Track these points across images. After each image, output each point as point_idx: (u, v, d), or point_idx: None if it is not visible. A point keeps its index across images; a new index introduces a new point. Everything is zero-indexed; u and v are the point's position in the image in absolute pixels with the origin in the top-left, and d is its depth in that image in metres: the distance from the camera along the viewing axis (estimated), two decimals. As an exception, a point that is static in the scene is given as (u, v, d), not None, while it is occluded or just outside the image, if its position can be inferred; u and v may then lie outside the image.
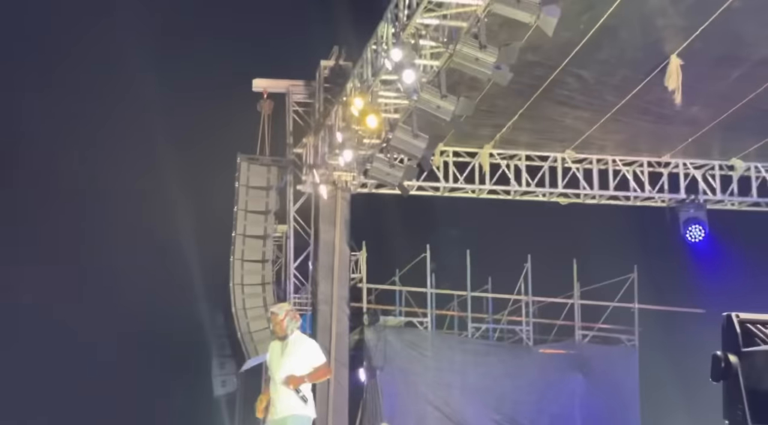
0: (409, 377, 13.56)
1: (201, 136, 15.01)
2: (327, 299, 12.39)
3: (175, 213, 15.13)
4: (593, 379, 14.06)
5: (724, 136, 12.40)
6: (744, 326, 2.47)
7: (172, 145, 15.04)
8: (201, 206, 14.74)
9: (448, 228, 14.98)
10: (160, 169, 15.40)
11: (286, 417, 7.34)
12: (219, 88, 14.44)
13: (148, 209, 15.51)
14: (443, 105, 8.87)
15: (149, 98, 15.13)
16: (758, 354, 2.42)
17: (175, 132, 15.11)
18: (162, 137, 15.13)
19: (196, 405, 15.80)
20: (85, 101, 15.96)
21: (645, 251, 14.18)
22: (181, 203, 14.99)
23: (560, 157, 13.30)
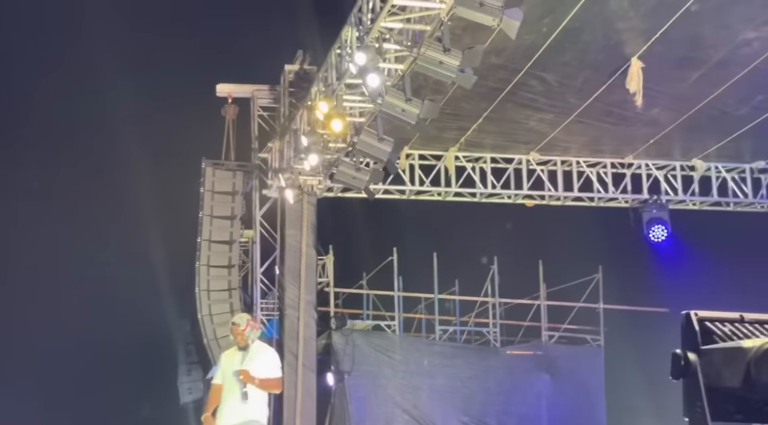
0: (378, 380, 13.57)
1: (165, 141, 14.91)
2: (294, 304, 12.34)
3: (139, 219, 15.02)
4: (560, 379, 14.18)
5: (685, 137, 12.56)
6: (703, 324, 2.51)
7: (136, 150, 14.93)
8: (166, 212, 14.65)
9: (415, 231, 15.01)
10: (123, 174, 15.28)
11: (247, 422, 7.35)
12: (182, 93, 14.36)
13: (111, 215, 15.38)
14: (408, 108, 8.88)
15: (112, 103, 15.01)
16: (716, 352, 2.45)
17: (138, 138, 15.00)
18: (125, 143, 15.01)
19: (162, 413, 15.67)
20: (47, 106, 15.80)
21: (609, 252, 14.33)
22: (146, 209, 14.88)
23: (525, 159, 13.38)
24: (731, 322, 2.51)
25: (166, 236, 14.84)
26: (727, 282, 12.07)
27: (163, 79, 14.96)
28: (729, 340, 2.45)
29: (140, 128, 15.01)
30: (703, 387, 2.41)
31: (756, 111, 11.52)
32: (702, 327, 2.49)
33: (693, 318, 2.52)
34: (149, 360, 15.57)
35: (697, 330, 2.49)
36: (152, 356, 15.54)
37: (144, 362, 15.61)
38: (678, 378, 2.46)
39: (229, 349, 7.78)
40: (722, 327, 2.50)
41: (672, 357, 2.45)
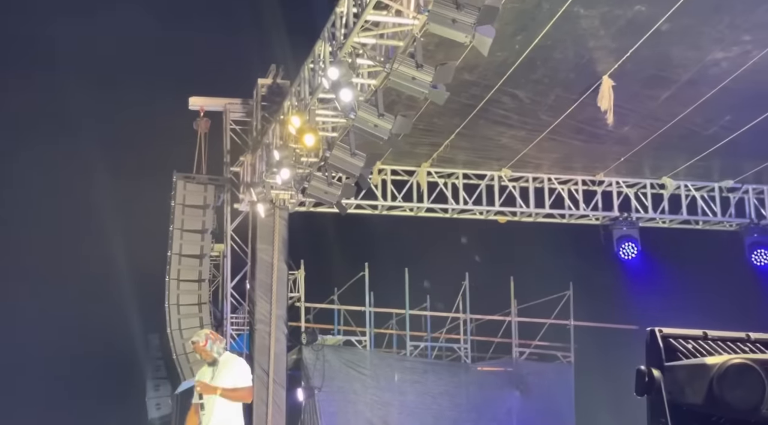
0: (348, 396, 13.51)
1: (136, 154, 14.82)
2: (265, 319, 12.27)
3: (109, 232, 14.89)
4: (530, 396, 14.20)
5: (655, 155, 12.68)
6: (666, 340, 2.52)
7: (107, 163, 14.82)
8: (136, 226, 14.53)
9: (387, 246, 15.01)
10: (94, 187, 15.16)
11: None
12: (155, 106, 14.29)
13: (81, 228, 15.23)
14: (380, 124, 8.89)
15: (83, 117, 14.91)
16: (680, 369, 2.46)
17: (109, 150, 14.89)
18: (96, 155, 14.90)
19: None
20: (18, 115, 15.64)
21: (580, 269, 14.40)
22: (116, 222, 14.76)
23: (497, 175, 13.44)
24: (695, 339, 2.53)
25: (136, 249, 14.72)
26: (696, 300, 12.17)
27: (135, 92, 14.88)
28: (692, 357, 2.47)
29: (112, 141, 14.91)
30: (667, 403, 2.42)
31: (724, 131, 11.67)
32: (666, 343, 2.50)
33: (657, 335, 2.53)
34: (117, 376, 15.40)
35: (662, 347, 2.50)
36: (120, 371, 15.37)
37: (112, 377, 15.44)
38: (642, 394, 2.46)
39: (203, 366, 7.72)
40: (686, 343, 2.52)
41: (636, 373, 2.45)
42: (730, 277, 13.01)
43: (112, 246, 14.91)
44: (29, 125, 15.50)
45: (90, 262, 15.13)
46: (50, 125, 15.48)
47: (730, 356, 2.41)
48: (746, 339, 2.54)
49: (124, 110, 14.93)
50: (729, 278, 12.95)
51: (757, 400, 2.36)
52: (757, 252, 13.57)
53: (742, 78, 10.24)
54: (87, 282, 14.78)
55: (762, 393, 2.36)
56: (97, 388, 15.45)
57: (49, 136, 15.53)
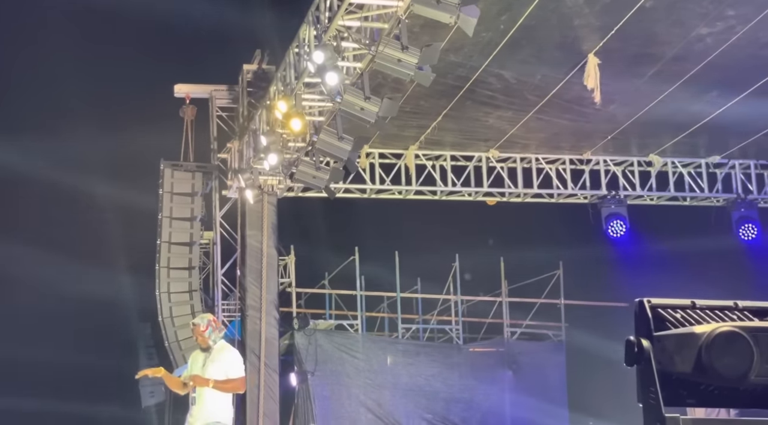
0: (341, 379, 13.55)
1: (122, 143, 14.75)
2: (256, 305, 12.28)
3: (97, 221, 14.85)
4: (522, 375, 14.28)
5: (642, 132, 12.71)
6: (655, 311, 2.53)
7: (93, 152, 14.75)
8: (124, 214, 14.49)
9: (376, 230, 15.02)
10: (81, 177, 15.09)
11: (208, 424, 7.32)
12: (140, 94, 14.22)
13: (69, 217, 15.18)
14: (367, 107, 8.88)
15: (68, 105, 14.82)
16: (669, 338, 2.48)
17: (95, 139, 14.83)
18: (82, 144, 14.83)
19: (124, 416, 15.51)
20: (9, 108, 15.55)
21: (569, 248, 14.45)
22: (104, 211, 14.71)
23: (485, 156, 13.45)
24: (683, 308, 2.54)
25: (125, 238, 14.68)
26: (684, 276, 12.23)
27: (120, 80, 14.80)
28: (681, 326, 2.48)
29: (97, 130, 14.84)
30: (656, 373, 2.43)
31: (710, 106, 11.70)
32: (655, 313, 2.51)
33: (646, 305, 2.54)
34: (110, 364, 15.38)
35: (650, 317, 2.51)
36: (113, 359, 15.36)
37: (105, 366, 15.43)
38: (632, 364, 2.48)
39: (196, 350, 7.72)
40: (674, 313, 2.53)
41: (626, 344, 2.47)
42: (718, 252, 13.08)
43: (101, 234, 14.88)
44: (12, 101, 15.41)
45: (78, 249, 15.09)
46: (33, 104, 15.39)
47: (718, 324, 2.43)
48: (734, 308, 2.55)
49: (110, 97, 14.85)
50: (717, 254, 13.02)
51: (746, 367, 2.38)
52: (744, 227, 13.65)
53: (727, 53, 10.26)
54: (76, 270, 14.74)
55: (750, 360, 2.38)
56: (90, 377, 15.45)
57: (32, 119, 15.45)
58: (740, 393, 2.45)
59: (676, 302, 2.52)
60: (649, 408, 2.42)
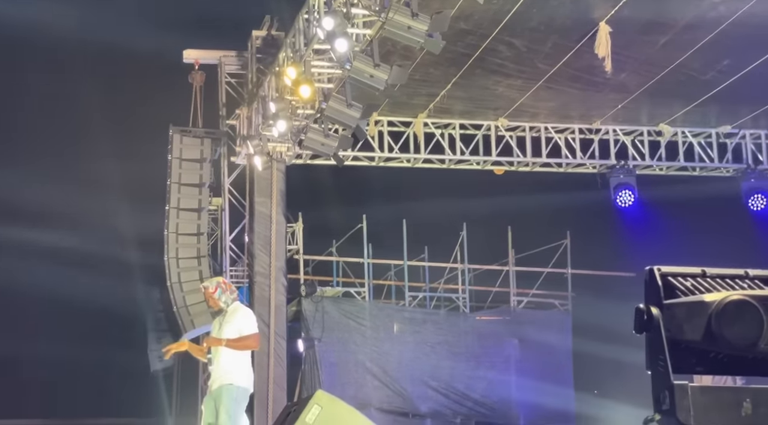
0: (348, 346, 13.63)
1: (131, 108, 14.73)
2: (264, 272, 12.34)
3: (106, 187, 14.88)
4: (528, 344, 14.33)
5: (653, 102, 12.64)
6: (665, 279, 2.54)
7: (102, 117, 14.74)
8: (133, 180, 14.51)
9: (384, 198, 15.02)
10: (91, 143, 15.10)
11: (221, 386, 7.36)
12: (149, 59, 14.17)
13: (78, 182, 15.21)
14: (376, 74, 8.85)
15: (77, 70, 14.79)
16: (679, 306, 2.49)
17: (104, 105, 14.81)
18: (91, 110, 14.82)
19: (133, 381, 15.65)
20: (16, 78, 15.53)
21: (577, 217, 14.44)
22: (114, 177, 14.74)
23: (494, 125, 13.41)
24: (693, 277, 2.55)
25: (134, 203, 14.71)
26: (693, 247, 12.22)
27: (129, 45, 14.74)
28: (691, 294, 2.49)
29: (106, 96, 14.81)
30: (666, 340, 2.45)
31: (722, 76, 11.62)
32: (665, 281, 2.53)
33: (656, 273, 2.56)
34: (119, 329, 15.50)
35: (660, 285, 2.53)
36: (122, 324, 15.47)
37: (113, 330, 15.55)
38: (641, 332, 2.50)
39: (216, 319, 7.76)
40: (684, 281, 2.54)
41: (635, 311, 2.48)
42: (727, 223, 13.06)
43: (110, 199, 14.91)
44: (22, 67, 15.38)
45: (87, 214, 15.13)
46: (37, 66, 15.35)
47: (728, 292, 2.44)
48: (744, 276, 2.56)
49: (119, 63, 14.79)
50: (726, 225, 13.00)
51: (756, 336, 2.39)
52: (754, 197, 13.61)
53: (739, 22, 10.17)
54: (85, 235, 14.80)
55: (760, 328, 2.39)
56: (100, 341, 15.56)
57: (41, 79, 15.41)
58: (749, 361, 2.46)
59: (686, 271, 2.53)
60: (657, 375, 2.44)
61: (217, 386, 7.37)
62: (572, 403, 14.13)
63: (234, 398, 7.27)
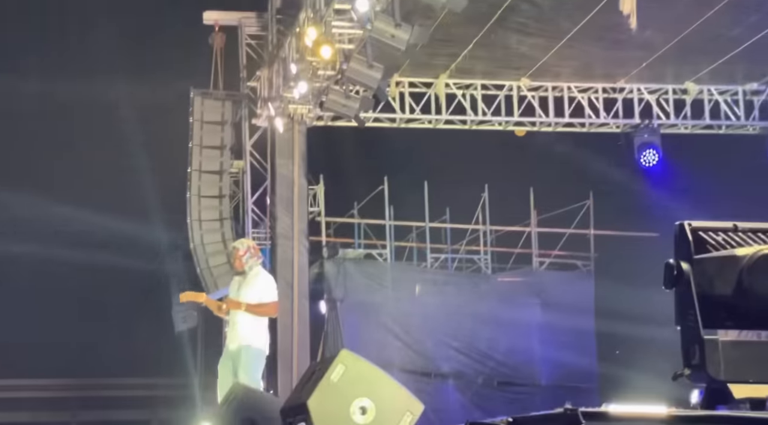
0: (370, 308, 13.70)
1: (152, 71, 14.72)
2: (287, 234, 12.38)
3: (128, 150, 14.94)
4: (550, 304, 14.33)
5: (678, 59, 12.47)
6: (696, 233, 2.52)
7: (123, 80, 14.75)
8: (155, 143, 14.55)
9: (406, 160, 14.98)
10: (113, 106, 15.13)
11: (239, 347, 7.46)
12: (169, 21, 14.13)
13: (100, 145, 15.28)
14: (397, 34, 8.79)
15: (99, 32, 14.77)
16: (709, 261, 2.47)
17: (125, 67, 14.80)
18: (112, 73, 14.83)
19: (158, 341, 15.85)
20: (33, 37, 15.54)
21: (600, 178, 14.34)
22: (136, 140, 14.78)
23: (516, 85, 13.29)
24: (724, 231, 2.52)
25: (157, 166, 14.77)
26: (718, 206, 12.09)
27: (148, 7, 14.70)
28: (722, 249, 2.46)
29: (127, 58, 14.81)
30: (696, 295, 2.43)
31: (749, 31, 11.42)
32: (695, 236, 2.50)
33: (686, 228, 2.53)
34: (143, 290, 15.67)
35: (690, 240, 2.50)
36: (147, 286, 15.63)
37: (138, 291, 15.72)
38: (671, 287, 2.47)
39: (234, 278, 7.85)
40: (715, 236, 2.52)
41: (665, 266, 2.46)
42: (754, 181, 12.91)
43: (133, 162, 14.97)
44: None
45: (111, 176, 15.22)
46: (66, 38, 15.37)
47: (760, 246, 2.41)
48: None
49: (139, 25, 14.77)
50: (753, 183, 12.85)
51: (787, 290, 2.37)
52: (781, 155, 13.43)
53: (768, -23, 9.97)
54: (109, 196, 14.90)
55: (792, 282, 2.36)
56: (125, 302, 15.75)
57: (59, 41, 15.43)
58: (781, 316, 2.44)
59: (717, 225, 2.50)
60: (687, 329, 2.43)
61: (235, 346, 7.48)
62: (594, 363, 14.15)
63: (253, 359, 7.44)
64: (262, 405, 6.32)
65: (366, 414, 5.47)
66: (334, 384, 5.53)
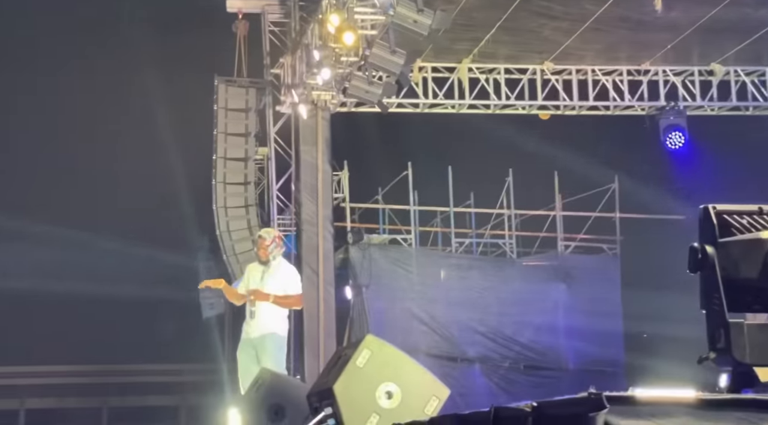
0: (395, 293, 13.74)
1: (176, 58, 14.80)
2: (312, 220, 12.41)
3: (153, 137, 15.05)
4: (576, 289, 14.29)
5: (704, 40, 12.34)
6: (720, 217, 2.51)
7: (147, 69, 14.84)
8: (180, 130, 14.65)
9: (429, 145, 14.97)
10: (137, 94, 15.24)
11: (263, 335, 7.55)
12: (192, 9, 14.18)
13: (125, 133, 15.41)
14: (420, 19, 8.77)
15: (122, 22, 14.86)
16: (734, 244, 2.46)
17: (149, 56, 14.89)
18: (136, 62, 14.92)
19: (186, 327, 16.01)
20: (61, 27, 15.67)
21: (625, 161, 14.26)
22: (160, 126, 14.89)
23: (539, 69, 13.23)
24: (749, 214, 2.51)
25: (182, 153, 14.88)
26: (746, 188, 12.00)
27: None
28: (747, 232, 2.46)
29: (151, 46, 14.89)
30: (721, 279, 2.43)
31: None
32: (720, 219, 2.49)
33: (711, 211, 2.52)
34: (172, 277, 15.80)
35: (715, 223, 2.49)
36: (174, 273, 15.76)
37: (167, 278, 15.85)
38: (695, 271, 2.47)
39: (253, 263, 7.91)
40: (740, 219, 2.51)
41: (690, 250, 2.46)
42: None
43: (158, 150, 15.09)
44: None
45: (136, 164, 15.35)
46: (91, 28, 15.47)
47: (786, 230, 2.40)
48: (802, 213, 2.51)
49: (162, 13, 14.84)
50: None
51: (813, 273, 2.36)
52: (809, 137, 13.28)
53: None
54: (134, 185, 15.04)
55: (818, 265, 2.35)
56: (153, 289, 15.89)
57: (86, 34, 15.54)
58: (807, 299, 2.43)
59: (742, 208, 2.49)
60: (712, 313, 2.43)
61: (259, 334, 7.57)
62: (621, 348, 14.11)
63: (279, 346, 7.57)
64: (289, 390, 6.40)
65: (392, 399, 5.51)
66: (360, 368, 5.58)
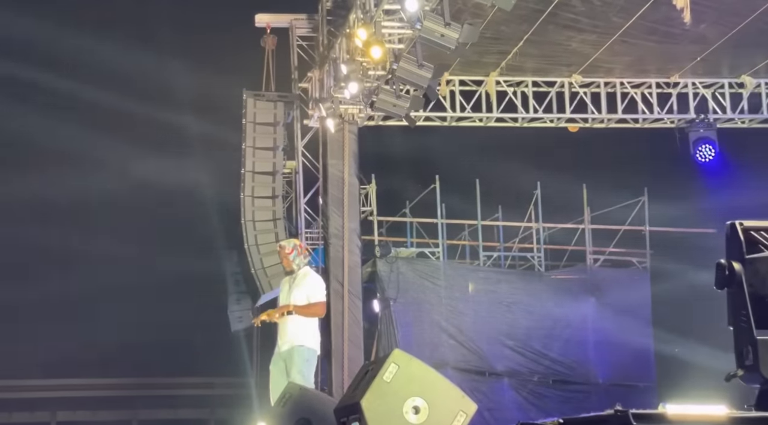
0: (423, 306, 13.71)
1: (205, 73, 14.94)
2: (338, 233, 12.45)
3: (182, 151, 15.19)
4: (605, 302, 14.18)
5: (734, 53, 12.25)
6: (748, 233, 2.49)
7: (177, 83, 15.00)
8: (208, 144, 14.78)
9: (457, 158, 14.96)
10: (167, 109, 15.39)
11: (292, 348, 7.56)
12: (221, 24, 14.33)
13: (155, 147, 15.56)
14: (447, 33, 8.78)
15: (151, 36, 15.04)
16: (761, 261, 2.44)
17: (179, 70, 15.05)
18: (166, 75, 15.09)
19: (215, 341, 16.08)
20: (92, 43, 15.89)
21: (655, 174, 14.16)
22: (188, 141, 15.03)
23: (567, 82, 13.20)
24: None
25: (211, 167, 15.01)
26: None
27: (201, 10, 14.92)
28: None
29: (180, 61, 15.06)
30: (748, 295, 2.40)
31: (808, 23, 11.17)
32: (747, 236, 2.47)
33: (738, 228, 2.50)
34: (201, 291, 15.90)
35: (742, 240, 2.47)
36: (203, 287, 15.86)
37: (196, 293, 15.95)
38: (722, 287, 2.45)
39: (285, 278, 7.97)
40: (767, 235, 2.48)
41: (716, 266, 2.44)
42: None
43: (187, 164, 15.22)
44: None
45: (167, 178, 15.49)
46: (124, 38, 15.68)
47: (814, 246, 2.37)
48: (831, 230, 2.49)
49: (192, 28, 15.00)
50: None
51: (843, 290, 2.33)
52: (841, 150, 13.12)
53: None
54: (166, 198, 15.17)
55: None
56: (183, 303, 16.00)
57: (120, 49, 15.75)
58: (836, 316, 2.40)
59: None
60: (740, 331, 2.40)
61: (287, 347, 7.59)
62: (652, 362, 13.97)
63: (306, 359, 7.55)
64: (316, 405, 6.39)
65: (419, 414, 5.49)
66: (387, 383, 5.56)
